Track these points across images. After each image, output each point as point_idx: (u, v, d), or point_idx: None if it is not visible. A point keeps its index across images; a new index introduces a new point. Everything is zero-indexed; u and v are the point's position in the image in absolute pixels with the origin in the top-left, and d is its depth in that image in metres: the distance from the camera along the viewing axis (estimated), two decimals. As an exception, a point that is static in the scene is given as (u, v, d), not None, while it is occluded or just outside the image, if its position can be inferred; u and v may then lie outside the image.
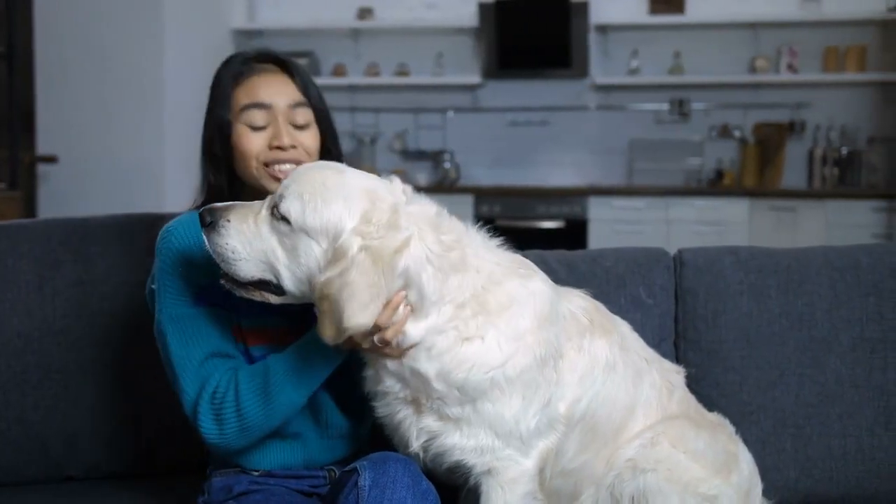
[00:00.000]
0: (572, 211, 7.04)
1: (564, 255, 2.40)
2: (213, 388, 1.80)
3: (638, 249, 2.45)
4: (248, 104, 1.92)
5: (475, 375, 1.71)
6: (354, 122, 7.73)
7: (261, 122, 1.92)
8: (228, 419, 1.79)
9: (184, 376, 1.82)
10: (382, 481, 1.69)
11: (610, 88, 7.52)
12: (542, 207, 7.05)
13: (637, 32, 7.43)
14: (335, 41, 7.74)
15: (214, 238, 1.70)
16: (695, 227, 6.83)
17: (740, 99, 7.38)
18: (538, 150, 7.56)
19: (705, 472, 1.91)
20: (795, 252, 2.39)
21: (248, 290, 1.73)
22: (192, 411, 1.82)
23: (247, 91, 1.94)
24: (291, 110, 1.94)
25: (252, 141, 1.92)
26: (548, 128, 7.60)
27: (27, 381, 2.29)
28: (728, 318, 2.30)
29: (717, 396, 2.23)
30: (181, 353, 1.83)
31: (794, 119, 7.26)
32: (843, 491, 2.20)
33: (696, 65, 7.33)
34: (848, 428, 2.21)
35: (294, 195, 1.67)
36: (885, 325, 2.25)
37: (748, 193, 6.94)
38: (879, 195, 6.67)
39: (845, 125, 7.18)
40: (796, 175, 7.22)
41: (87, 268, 2.36)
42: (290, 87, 1.96)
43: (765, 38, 7.28)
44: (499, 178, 7.41)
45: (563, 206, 7.05)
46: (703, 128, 7.46)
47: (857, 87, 7.19)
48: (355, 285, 1.59)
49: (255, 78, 1.95)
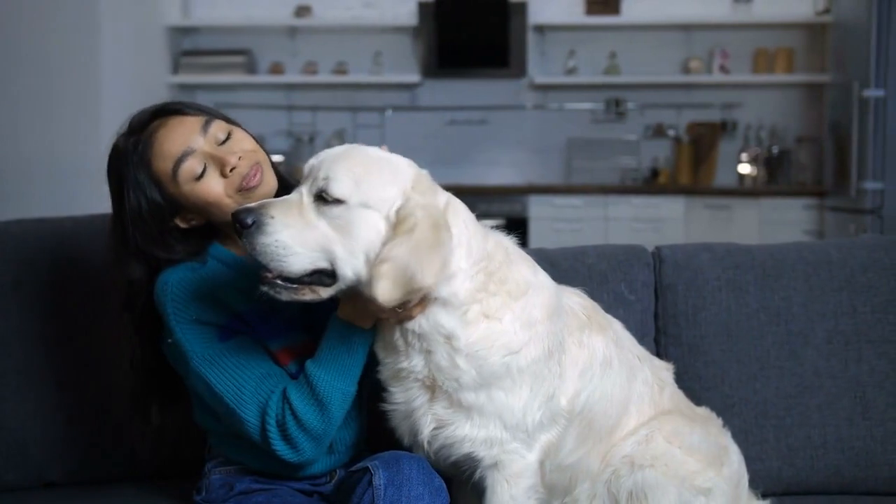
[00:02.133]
0: (513, 209, 7.09)
1: (546, 252, 2.43)
2: (274, 413, 1.78)
3: (618, 246, 2.49)
4: (174, 163, 1.83)
5: (494, 356, 1.74)
6: (292, 120, 7.67)
7: (198, 168, 1.83)
8: (297, 437, 1.78)
9: (242, 409, 1.79)
10: (398, 479, 1.70)
11: (547, 88, 7.60)
12: (482, 206, 6.96)
13: (574, 33, 7.53)
14: (272, 39, 7.66)
15: (259, 238, 1.63)
16: (632, 225, 6.96)
17: (674, 99, 7.54)
18: (477, 148, 7.60)
19: (700, 465, 1.95)
20: (769, 248, 2.46)
21: (297, 290, 1.67)
22: (263, 439, 1.80)
23: (162, 155, 1.84)
24: (206, 135, 1.86)
25: (209, 188, 1.84)
26: (486, 127, 7.65)
27: (6, 386, 2.23)
28: (708, 313, 2.35)
29: (699, 390, 2.28)
30: (229, 388, 1.80)
31: (725, 119, 7.45)
32: (823, 479, 2.27)
33: (631, 65, 7.46)
34: (827, 418, 2.28)
35: (343, 175, 1.65)
36: (858, 319, 2.33)
37: (684, 191, 7.09)
38: (808, 193, 6.88)
39: (774, 125, 7.39)
40: (728, 173, 7.41)
41: (64, 269, 2.31)
42: (185, 120, 1.87)
43: (698, 39, 7.45)
44: (438, 176, 7.10)
45: (503, 205, 7.10)
46: (639, 127, 7.60)
47: (785, 88, 7.40)
48: (424, 245, 1.62)
49: (155, 143, 1.85)
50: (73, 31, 6.12)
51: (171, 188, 1.85)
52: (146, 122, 1.88)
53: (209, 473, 1.98)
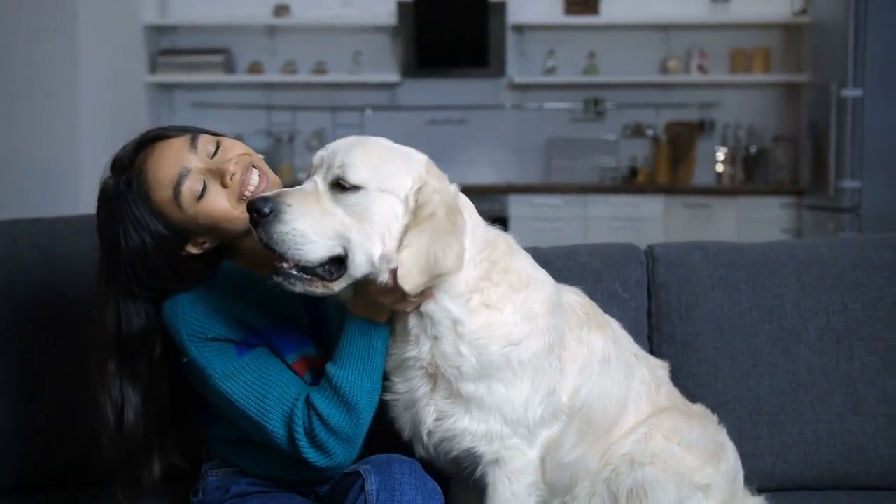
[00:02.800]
0: (492, 208, 7.09)
1: (539, 251, 2.43)
2: (301, 421, 1.75)
3: (611, 245, 2.50)
4: (173, 190, 1.79)
5: (494, 346, 1.74)
6: (271, 120, 7.65)
7: (198, 187, 1.80)
8: (327, 443, 1.75)
9: (268, 421, 1.76)
10: (390, 484, 1.70)
11: (526, 87, 7.62)
12: (462, 205, 7.08)
13: (553, 33, 7.56)
14: (251, 38, 7.63)
15: (277, 227, 1.61)
16: (612, 224, 7.00)
17: (652, 98, 7.58)
18: (456, 148, 7.60)
19: (698, 462, 1.97)
20: (761, 246, 2.49)
21: (311, 282, 1.66)
22: (292, 449, 1.77)
23: (159, 186, 1.80)
24: (196, 151, 1.82)
25: (214, 204, 1.80)
26: (465, 126, 7.66)
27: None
28: (701, 311, 2.37)
29: (693, 387, 2.29)
30: (252, 402, 1.77)
31: (703, 118, 7.51)
32: (816, 474, 2.30)
33: (609, 65, 7.49)
34: (819, 414, 2.30)
35: (360, 162, 1.66)
36: (849, 316, 2.35)
37: (663, 191, 7.13)
38: (786, 192, 6.95)
39: (752, 124, 7.45)
40: (706, 172, 7.47)
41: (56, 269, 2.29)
42: (171, 143, 1.84)
43: (675, 39, 7.50)
44: (418, 176, 7.34)
45: (483, 204, 7.00)
46: (617, 126, 7.64)
47: (762, 88, 7.47)
48: (444, 230, 1.64)
49: (149, 173, 1.81)
50: (50, 30, 6.07)
51: (175, 215, 1.80)
52: (132, 158, 1.83)
53: (206, 475, 1.97)
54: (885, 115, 5.51)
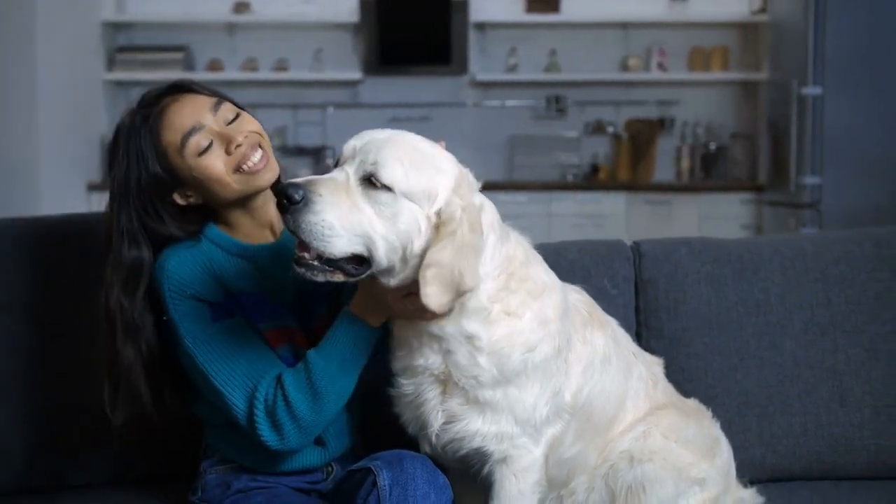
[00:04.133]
0: (456, 206, 7.12)
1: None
2: (263, 397, 1.77)
3: (598, 242, 2.53)
4: (183, 138, 1.85)
5: (516, 354, 1.75)
6: (232, 118, 7.57)
7: (205, 143, 1.85)
8: (284, 424, 1.77)
9: (229, 393, 1.79)
10: (402, 479, 1.71)
11: (489, 85, 7.64)
12: (426, 203, 7.08)
13: (514, 31, 7.58)
14: (210, 35, 7.54)
15: (307, 216, 1.58)
16: (574, 221, 7.04)
17: (613, 96, 7.64)
18: (419, 146, 7.60)
19: (694, 457, 2.00)
20: (745, 242, 2.53)
21: (332, 272, 1.64)
22: (248, 424, 1.79)
23: (170, 128, 1.87)
24: (216, 114, 1.88)
25: (212, 163, 1.86)
26: (428, 124, 7.64)
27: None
28: (688, 306, 2.40)
29: (683, 382, 2.32)
30: (219, 370, 1.79)
31: (663, 116, 7.58)
32: (804, 465, 2.34)
33: (571, 63, 7.54)
34: (807, 406, 2.34)
35: (393, 162, 1.62)
36: (833, 310, 2.40)
37: (625, 187, 7.19)
38: (745, 188, 7.05)
39: (710, 122, 7.55)
40: (666, 169, 7.55)
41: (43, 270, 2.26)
42: (197, 98, 1.91)
43: (635, 37, 7.57)
44: (381, 174, 7.32)
45: (446, 202, 7.09)
46: (579, 124, 7.68)
47: (720, 86, 7.57)
48: (467, 248, 1.62)
49: (167, 116, 1.88)
50: (7, 28, 5.96)
51: (175, 160, 1.87)
52: (158, 99, 1.91)
53: (205, 473, 1.97)
54: (845, 113, 5.62)
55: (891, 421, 2.34)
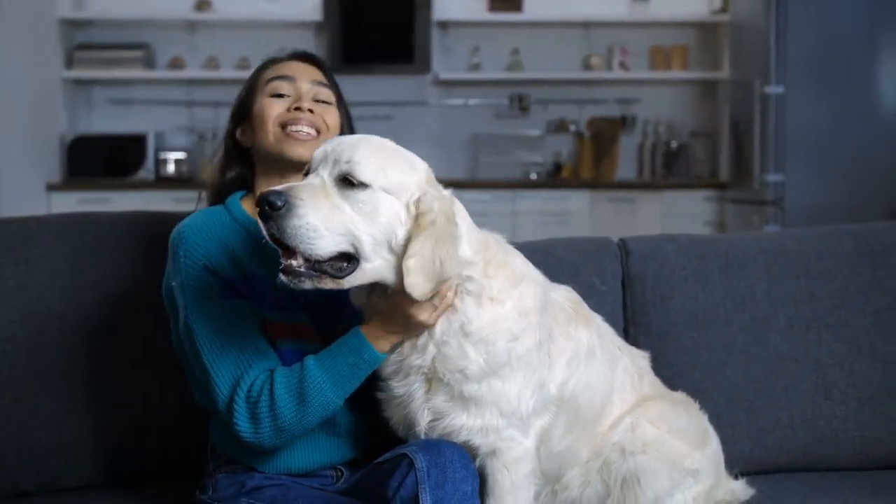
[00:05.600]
0: (421, 205, 7.11)
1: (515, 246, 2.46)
2: (248, 386, 1.77)
3: (585, 239, 2.55)
4: (272, 77, 2.01)
5: (500, 342, 1.79)
6: (193, 116, 7.50)
7: (284, 91, 1.99)
8: (263, 419, 1.76)
9: (216, 374, 1.78)
10: (441, 461, 1.72)
11: (452, 84, 7.65)
12: (390, 202, 7.06)
13: (477, 29, 7.59)
14: (171, 33, 7.46)
15: (291, 221, 1.61)
16: (539, 219, 7.07)
17: (575, 95, 7.69)
18: (382, 144, 7.58)
19: (687, 448, 2.03)
20: (729, 239, 2.57)
21: (319, 278, 1.66)
22: (227, 409, 1.78)
23: (274, 70, 2.03)
24: (315, 86, 2.02)
25: (273, 106, 1.97)
26: (391, 122, 7.62)
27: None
28: (675, 302, 2.44)
29: (672, 377, 2.35)
30: (212, 350, 1.79)
31: (625, 114, 7.65)
32: (791, 457, 2.38)
33: (533, 61, 7.58)
34: (793, 400, 2.39)
35: (368, 159, 1.69)
36: (816, 304, 2.44)
37: (588, 185, 7.24)
38: (707, 185, 7.14)
39: (671, 120, 7.64)
40: (629, 167, 7.62)
41: (30, 271, 2.23)
42: (315, 71, 2.06)
43: (597, 37, 7.62)
44: (344, 173, 7.29)
45: (411, 201, 7.09)
46: (542, 122, 7.72)
47: (681, 85, 7.66)
48: (446, 236, 1.68)
49: (285, 62, 2.06)
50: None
51: (256, 92, 2.01)
52: (294, 55, 2.08)
53: (215, 472, 1.95)
54: (807, 111, 5.71)
55: (874, 413, 2.39)
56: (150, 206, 3.58)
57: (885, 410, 2.39)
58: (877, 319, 2.43)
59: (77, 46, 7.26)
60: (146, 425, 2.22)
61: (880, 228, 2.56)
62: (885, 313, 2.44)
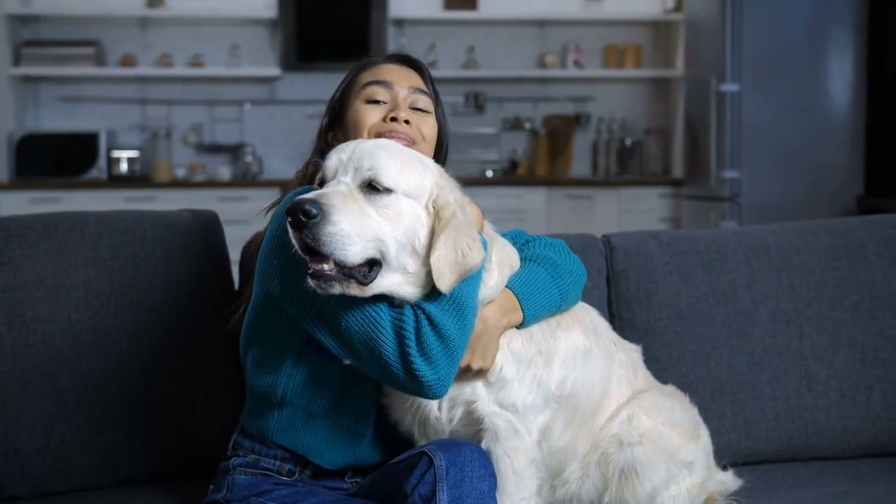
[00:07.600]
0: (378, 203, 7.09)
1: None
2: (411, 323, 1.69)
3: (570, 236, 2.55)
4: (369, 81, 1.96)
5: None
6: (145, 114, 7.40)
7: (380, 97, 1.95)
8: (432, 347, 1.69)
9: (379, 332, 1.69)
10: (460, 460, 1.73)
11: (407, 82, 7.63)
12: (348, 200, 7.03)
13: (433, 27, 7.60)
14: (123, 30, 7.36)
15: (326, 228, 1.61)
16: (496, 216, 6.99)
17: (530, 93, 7.74)
18: (338, 142, 7.54)
19: (682, 439, 2.06)
20: (711, 234, 2.60)
21: (348, 283, 1.66)
22: (401, 361, 1.69)
23: (371, 73, 1.99)
24: (413, 94, 1.98)
25: (368, 113, 1.94)
26: (347, 120, 7.60)
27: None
28: (659, 297, 2.47)
29: (658, 371, 2.37)
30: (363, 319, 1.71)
31: (579, 112, 7.71)
32: (776, 448, 2.43)
33: (489, 59, 7.61)
34: (777, 391, 2.43)
35: (390, 166, 1.71)
36: (797, 298, 2.49)
37: (544, 183, 7.29)
38: (662, 182, 7.23)
39: (624, 117, 7.72)
40: (583, 164, 7.69)
41: (14, 272, 2.18)
42: (414, 76, 2.02)
43: (552, 35, 7.68)
44: (300, 171, 7.26)
45: (369, 199, 7.07)
46: (497, 120, 7.76)
47: (634, 83, 7.74)
48: (464, 230, 1.72)
49: (383, 65, 2.01)
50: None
51: (351, 96, 1.98)
52: (396, 58, 2.05)
53: (233, 471, 1.92)
54: (762, 108, 5.81)
55: (854, 404, 2.45)
56: (103, 205, 3.51)
57: (864, 401, 2.45)
58: (854, 312, 2.49)
59: (24, 43, 7.11)
60: (134, 427, 2.19)
61: (855, 224, 2.62)
62: (862, 306, 2.49)
